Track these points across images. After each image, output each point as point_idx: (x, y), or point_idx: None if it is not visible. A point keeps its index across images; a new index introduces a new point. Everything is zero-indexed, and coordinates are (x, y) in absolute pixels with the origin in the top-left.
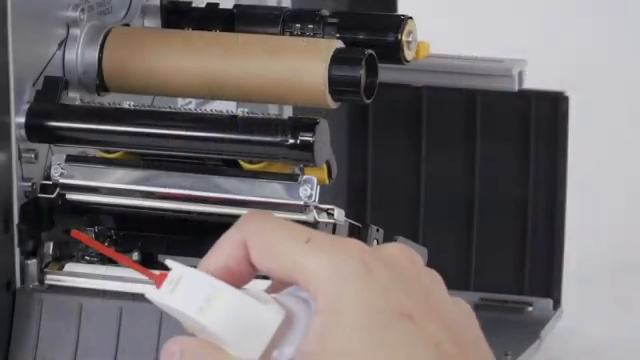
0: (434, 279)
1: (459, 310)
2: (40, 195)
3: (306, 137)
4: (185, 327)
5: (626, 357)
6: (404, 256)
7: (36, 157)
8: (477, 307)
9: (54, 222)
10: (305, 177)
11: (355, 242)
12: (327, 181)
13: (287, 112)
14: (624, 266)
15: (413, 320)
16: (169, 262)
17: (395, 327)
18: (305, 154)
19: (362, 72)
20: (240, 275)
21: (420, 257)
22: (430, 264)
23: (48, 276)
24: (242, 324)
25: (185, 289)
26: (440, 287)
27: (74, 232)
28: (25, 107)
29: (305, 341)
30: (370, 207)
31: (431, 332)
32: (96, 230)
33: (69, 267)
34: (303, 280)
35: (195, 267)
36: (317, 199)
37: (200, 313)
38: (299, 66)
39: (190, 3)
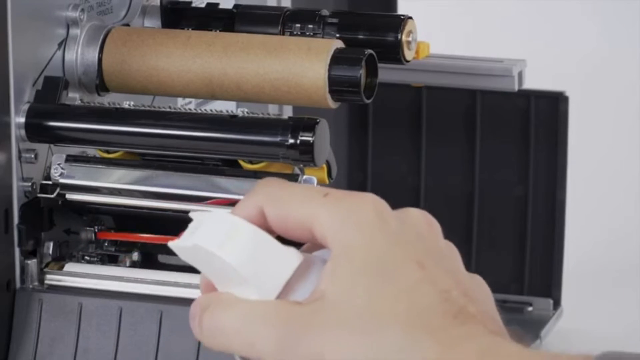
0: (450, 248)
1: (473, 280)
2: (40, 195)
3: (306, 137)
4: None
5: None
6: (424, 219)
7: (36, 157)
8: None
9: (54, 222)
10: (305, 177)
11: (372, 196)
12: (327, 181)
13: (287, 112)
14: (624, 266)
15: (423, 267)
16: (193, 213)
17: (403, 272)
18: (305, 154)
19: (362, 72)
20: None
21: (439, 227)
22: None
23: (48, 276)
24: (262, 261)
25: (207, 227)
26: (456, 257)
27: None
28: (25, 107)
29: (317, 283)
30: None
31: (440, 280)
32: (96, 230)
33: (69, 267)
34: (319, 231)
35: None
36: None
37: (221, 248)
38: (299, 66)
39: (190, 3)
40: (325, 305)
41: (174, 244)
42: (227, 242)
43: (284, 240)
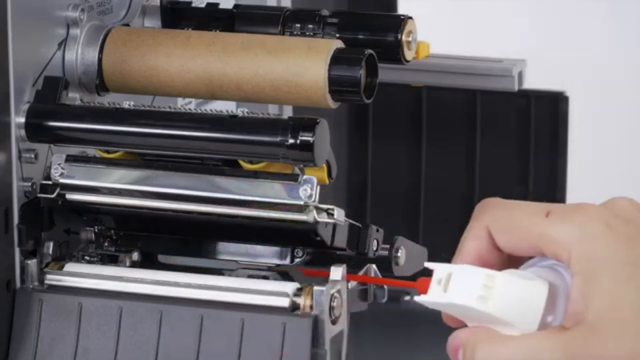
0: None
1: None
2: (40, 195)
3: (306, 137)
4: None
5: None
6: (634, 207)
7: (36, 157)
8: None
9: (54, 222)
10: (305, 177)
11: (592, 207)
12: (327, 181)
13: (287, 112)
14: None
15: None
16: (428, 264)
17: None
18: (305, 154)
19: (362, 72)
20: (490, 263)
21: None
22: None
23: (48, 276)
24: (517, 302)
25: (459, 284)
26: None
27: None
28: (25, 107)
29: (570, 304)
30: (370, 207)
31: None
32: (96, 230)
33: (69, 267)
34: (552, 250)
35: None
36: (317, 199)
37: (481, 301)
38: (299, 66)
39: (190, 3)
40: (595, 324)
41: (423, 299)
42: (485, 295)
43: None
